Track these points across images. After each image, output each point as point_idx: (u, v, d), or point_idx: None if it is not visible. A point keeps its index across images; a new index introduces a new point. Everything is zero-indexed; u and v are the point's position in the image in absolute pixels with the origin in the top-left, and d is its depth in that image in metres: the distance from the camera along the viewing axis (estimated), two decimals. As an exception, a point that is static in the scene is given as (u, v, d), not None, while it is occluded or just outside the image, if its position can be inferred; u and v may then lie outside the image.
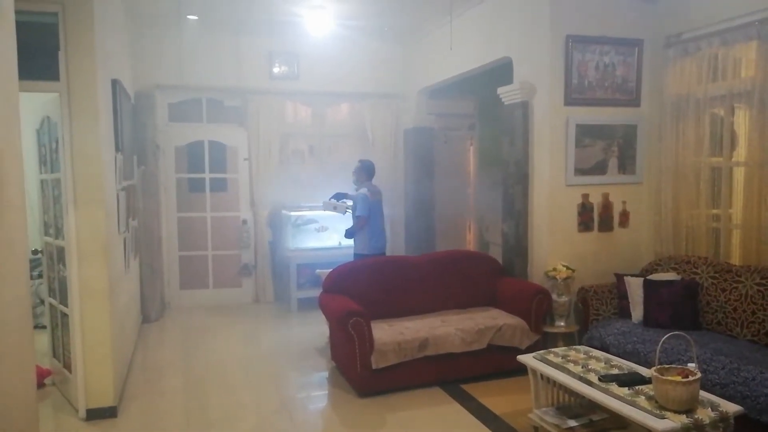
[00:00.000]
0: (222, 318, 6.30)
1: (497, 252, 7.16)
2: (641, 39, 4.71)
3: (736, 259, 4.19)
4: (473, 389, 4.08)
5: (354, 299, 4.27)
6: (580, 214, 4.67)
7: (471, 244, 7.90)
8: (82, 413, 3.66)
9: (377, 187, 5.62)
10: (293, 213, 6.64)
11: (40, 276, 4.83)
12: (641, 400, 2.66)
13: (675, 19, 4.54)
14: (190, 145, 6.70)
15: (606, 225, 4.75)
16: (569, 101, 4.55)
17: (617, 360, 3.25)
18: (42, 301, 4.49)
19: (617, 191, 4.77)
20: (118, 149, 4.37)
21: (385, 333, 4.05)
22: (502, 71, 5.30)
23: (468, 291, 4.80)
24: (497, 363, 4.25)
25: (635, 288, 4.29)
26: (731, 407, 2.62)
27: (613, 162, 4.75)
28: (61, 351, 4.10)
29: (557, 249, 4.61)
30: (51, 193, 4.01)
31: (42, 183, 4.21)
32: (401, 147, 7.31)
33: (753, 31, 3.90)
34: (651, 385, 2.75)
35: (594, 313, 4.39)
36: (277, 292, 6.93)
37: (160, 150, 6.36)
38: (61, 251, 3.81)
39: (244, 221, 6.81)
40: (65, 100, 3.54)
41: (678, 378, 2.55)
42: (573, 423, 3.09)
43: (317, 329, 5.54)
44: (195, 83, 6.52)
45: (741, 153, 4.22)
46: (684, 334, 2.91)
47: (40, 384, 4.22)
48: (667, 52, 4.58)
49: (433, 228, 7.22)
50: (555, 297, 4.45)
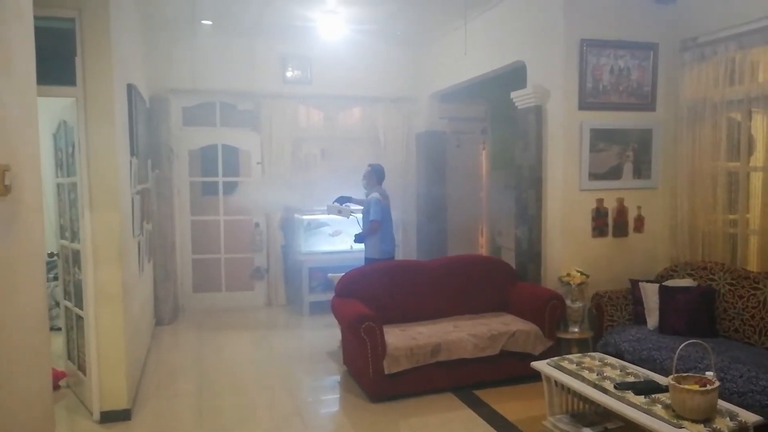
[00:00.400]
0: (234, 321, 6.32)
1: (510, 256, 7.13)
2: (656, 43, 4.67)
3: (753, 266, 4.13)
4: (486, 395, 4.05)
5: (366, 304, 4.26)
6: (594, 219, 4.63)
7: (483, 248, 7.87)
8: (96, 416, 3.69)
9: (386, 192, 5.62)
10: (305, 216, 6.66)
11: (55, 278, 4.88)
12: (658, 408, 2.63)
13: (691, 23, 4.50)
14: (203, 149, 6.75)
15: (620, 230, 4.70)
16: (583, 105, 4.52)
17: (633, 367, 3.21)
18: (57, 304, 4.53)
19: (632, 196, 4.72)
20: (133, 153, 4.41)
21: (398, 338, 4.03)
22: (514, 75, 5.28)
23: (480, 296, 4.77)
24: (510, 369, 4.22)
25: (651, 294, 4.24)
26: (750, 417, 2.58)
27: (628, 167, 4.70)
28: (76, 353, 4.13)
29: (571, 254, 4.58)
30: (67, 197, 4.04)
31: (58, 187, 4.25)
32: (413, 151, 7.30)
33: (771, 35, 3.86)
34: (668, 394, 2.72)
35: (608, 320, 4.34)
36: (289, 295, 6.94)
37: (174, 154, 6.41)
38: (77, 254, 3.85)
39: (256, 225, 6.84)
40: (81, 104, 3.57)
41: (696, 387, 2.51)
42: (588, 431, 3.05)
43: (329, 333, 5.54)
44: (209, 87, 6.57)
45: (759, 158, 4.16)
46: (701, 341, 2.86)
47: (55, 386, 4.26)
48: (683, 55, 4.54)
49: (445, 232, 7.19)
50: (569, 303, 4.41)
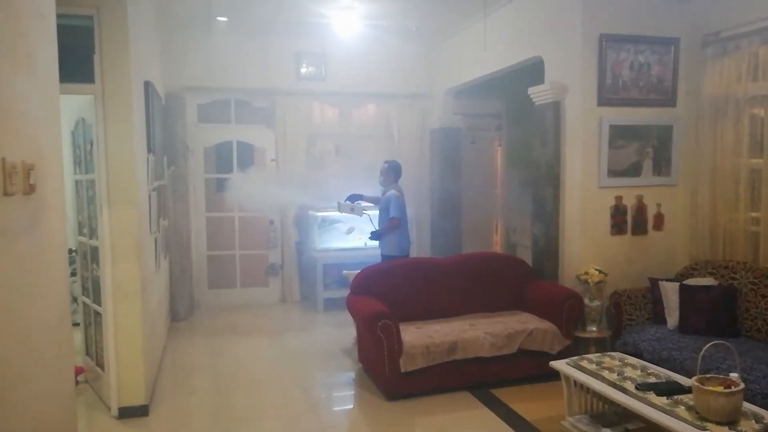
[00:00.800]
0: (249, 317, 6.34)
1: (525, 254, 7.08)
2: (677, 37, 4.59)
3: (776, 265, 4.05)
4: (503, 394, 4.02)
5: (382, 301, 4.24)
6: (613, 216, 4.57)
7: (498, 245, 7.82)
8: (114, 411, 3.71)
9: (401, 189, 5.59)
10: (320, 213, 6.65)
11: (73, 275, 4.92)
12: (681, 410, 2.58)
13: (713, 17, 4.42)
14: (218, 146, 6.76)
15: (640, 228, 4.64)
16: (602, 101, 4.46)
17: (654, 367, 3.16)
18: (75, 300, 4.56)
19: (652, 193, 4.66)
20: (150, 150, 4.42)
21: (414, 336, 4.01)
22: (531, 71, 5.23)
23: (497, 294, 4.73)
24: (527, 368, 4.18)
25: (671, 293, 4.18)
26: (777, 419, 2.53)
27: (648, 163, 4.63)
28: (94, 349, 4.16)
29: (589, 252, 4.52)
30: (85, 194, 4.07)
31: (76, 183, 4.28)
32: (427, 147, 7.26)
33: (797, 29, 3.78)
34: (690, 395, 2.67)
35: (627, 319, 4.29)
36: (304, 292, 6.95)
37: (189, 151, 6.43)
38: (95, 251, 3.87)
39: (271, 221, 6.85)
40: (100, 102, 3.59)
41: (720, 388, 2.47)
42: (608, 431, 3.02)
43: (343, 330, 5.53)
44: (223, 85, 6.58)
45: (783, 155, 4.08)
46: (725, 342, 2.81)
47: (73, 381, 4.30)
48: (705, 51, 4.45)
49: (459, 229, 7.15)
50: (587, 301, 4.36)
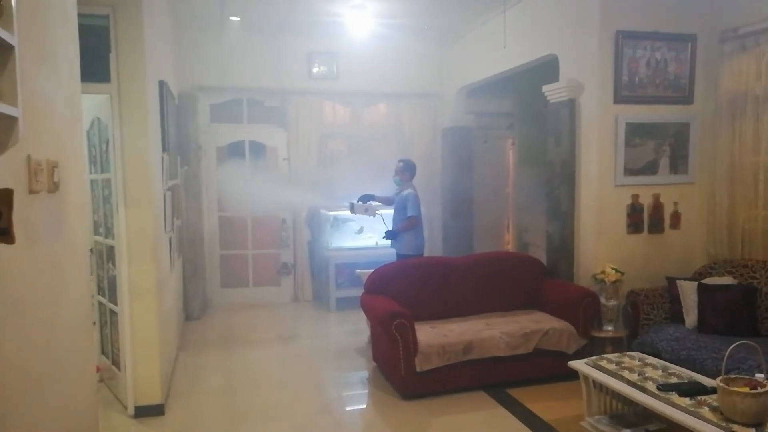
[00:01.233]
0: (262, 317, 6.34)
1: (537, 253, 7.03)
2: (694, 34, 4.54)
3: (797, 264, 3.99)
4: (519, 394, 3.99)
5: (396, 300, 4.23)
6: (629, 215, 4.52)
7: (509, 245, 7.78)
8: (130, 410, 3.72)
9: (416, 188, 5.57)
10: (332, 212, 6.64)
11: (90, 273, 4.94)
12: (705, 411, 2.55)
13: (731, 13, 4.36)
14: (230, 146, 6.77)
15: (656, 227, 4.59)
16: (619, 99, 4.41)
17: (675, 368, 3.13)
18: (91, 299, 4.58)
19: (668, 192, 4.61)
20: (164, 149, 4.43)
21: (429, 335, 3.99)
22: (543, 69, 5.20)
23: (512, 293, 4.70)
24: (543, 368, 4.15)
25: (689, 292, 4.13)
26: (803, 421, 2.48)
27: (665, 161, 4.59)
28: (110, 348, 4.17)
29: (605, 251, 4.48)
30: (100, 193, 4.08)
31: (92, 183, 4.29)
32: (439, 147, 7.23)
33: (819, 24, 3.72)
34: (714, 396, 2.64)
35: (644, 318, 4.25)
36: (316, 291, 6.94)
37: (202, 150, 6.44)
38: (111, 250, 3.88)
39: (283, 221, 6.85)
40: (116, 101, 3.59)
41: (746, 389, 2.43)
42: (628, 432, 2.99)
43: (356, 329, 5.52)
44: (236, 84, 6.59)
45: (803, 152, 4.02)
46: (751, 342, 2.77)
47: (89, 380, 4.32)
48: (723, 47, 4.40)
49: (471, 228, 7.12)
50: (603, 300, 4.32)
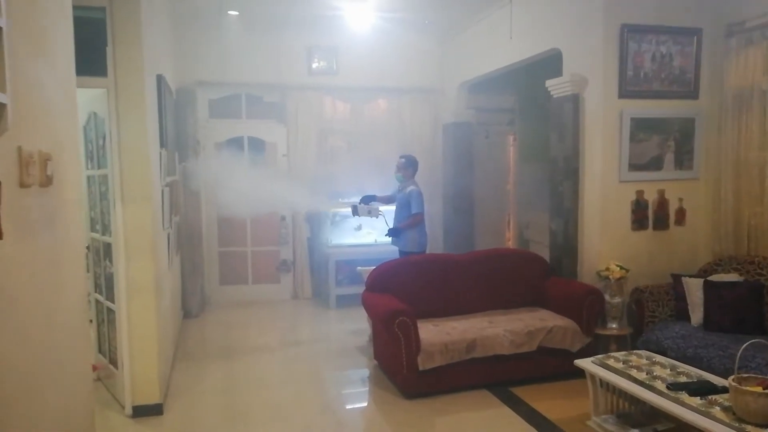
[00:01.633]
0: (261, 314, 6.28)
1: (538, 250, 6.98)
2: (700, 28, 4.48)
3: (805, 260, 3.94)
4: (523, 393, 3.94)
5: (398, 298, 4.17)
6: (634, 211, 4.47)
7: (510, 241, 7.73)
8: (128, 410, 3.66)
9: (418, 184, 5.51)
10: (332, 209, 6.58)
11: (86, 271, 4.87)
12: (716, 411, 2.50)
13: (737, 7, 4.30)
14: (229, 141, 6.69)
15: (661, 223, 4.54)
16: (624, 94, 4.35)
17: (684, 366, 3.07)
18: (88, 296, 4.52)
19: (673, 188, 4.55)
20: (162, 145, 4.36)
21: (431, 333, 3.94)
22: (546, 64, 5.14)
23: (515, 290, 4.65)
24: (547, 366, 4.10)
25: (694, 289, 4.08)
26: (816, 421, 2.43)
27: (670, 157, 4.53)
28: (107, 346, 4.11)
29: (609, 248, 4.43)
30: (97, 189, 4.01)
31: (88, 179, 4.22)
32: (440, 142, 7.17)
33: (828, 17, 3.66)
34: (725, 395, 2.59)
35: (649, 316, 4.20)
36: (316, 288, 6.88)
37: (200, 146, 6.37)
38: (108, 247, 3.81)
39: (282, 217, 6.78)
40: (113, 95, 3.52)
41: (759, 389, 2.37)
42: (636, 432, 2.93)
43: (356, 326, 5.47)
44: (235, 79, 6.52)
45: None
46: (763, 340, 2.72)
47: (86, 379, 4.26)
48: (729, 41, 4.34)
49: (472, 225, 7.07)
50: (607, 298, 4.27)
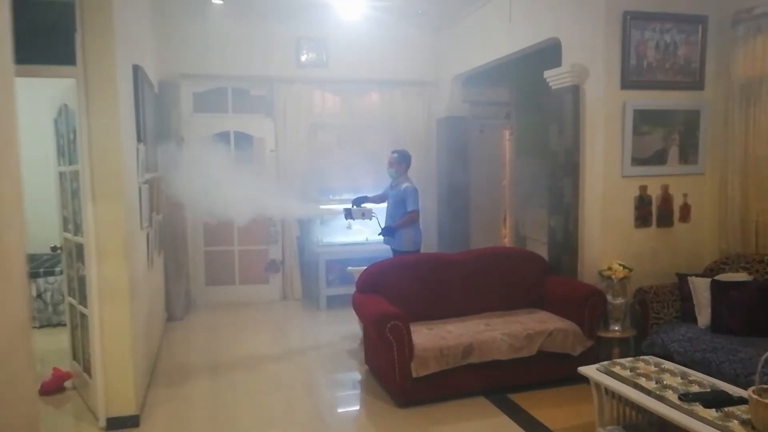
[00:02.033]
0: (249, 316, 6.06)
1: (536, 247, 6.78)
2: (706, 15, 4.27)
3: (817, 259, 3.75)
4: (522, 399, 3.73)
5: (390, 300, 3.95)
6: (637, 208, 4.27)
7: (507, 238, 7.53)
8: (102, 422, 3.42)
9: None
10: (322, 207, 6.35)
11: (61, 272, 4.64)
12: (734, 425, 2.29)
13: (744, -7, 4.10)
14: (215, 137, 6.43)
15: (665, 220, 4.34)
16: (626, 84, 4.15)
17: (695, 374, 2.87)
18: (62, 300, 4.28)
19: (678, 183, 4.35)
20: (140, 140, 4.12)
21: (425, 338, 3.72)
22: (544, 54, 4.93)
23: (513, 291, 4.44)
24: (547, 371, 3.90)
25: (701, 289, 3.89)
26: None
27: (674, 151, 4.33)
28: (81, 353, 3.88)
29: (611, 246, 4.22)
30: (69, 187, 3.77)
31: (60, 176, 3.98)
32: (433, 137, 6.95)
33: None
34: (743, 407, 2.39)
35: (654, 317, 4.00)
36: (306, 289, 6.66)
37: (184, 142, 6.12)
38: (80, 248, 3.57)
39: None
40: (82, 85, 3.27)
41: (783, 402, 2.17)
42: (645, 445, 2.73)
43: (348, 328, 5.25)
44: (220, 72, 6.28)
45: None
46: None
47: (59, 388, 4.03)
48: (736, 29, 4.13)
49: (467, 222, 6.85)
50: (610, 298, 4.07)
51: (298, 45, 6.48)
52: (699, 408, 2.45)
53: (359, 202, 5.33)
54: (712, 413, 2.40)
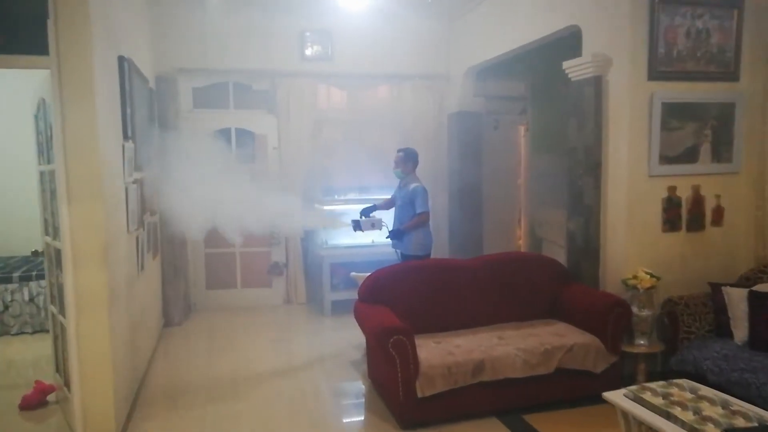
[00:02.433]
0: (250, 321, 5.78)
1: (553, 250, 6.43)
2: (741, -1, 3.90)
3: None
4: (538, 421, 3.39)
5: (395, 310, 3.64)
6: (665, 210, 3.90)
7: (521, 240, 7.18)
8: (80, 442, 3.16)
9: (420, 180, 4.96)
10: (326, 207, 6.05)
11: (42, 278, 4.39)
12: (792, 471, 1.95)
13: (785, -27, 3.72)
14: (215, 134, 6.16)
15: (696, 223, 3.97)
16: (654, 75, 3.78)
17: (737, 403, 2.51)
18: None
19: (710, 183, 3.98)
20: (128, 137, 3.84)
21: (432, 353, 3.40)
22: (562, 44, 4.59)
23: (527, 300, 4.10)
24: (566, 389, 3.56)
25: (737, 301, 3.53)
26: None
27: (706, 148, 3.96)
28: (63, 366, 3.62)
29: (637, 252, 3.87)
30: (48, 187, 3.51)
31: (41, 175, 3.72)
32: (445, 133, 6.61)
33: None
34: (799, 448, 2.03)
35: (685, 331, 3.64)
36: (310, 292, 6.37)
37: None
38: (59, 254, 3.31)
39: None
40: (56, 77, 3.00)
41: None
42: (680, 484, 2.39)
43: (352, 336, 4.93)
44: (221, 66, 5.99)
45: None
46: None
47: (42, 401, 3.79)
48: (776, 13, 3.76)
49: (480, 223, 6.51)
50: (635, 310, 3.71)
51: (301, 37, 6.18)
52: (746, 447, 2.11)
53: (368, 212, 4.98)
54: (762, 454, 2.06)
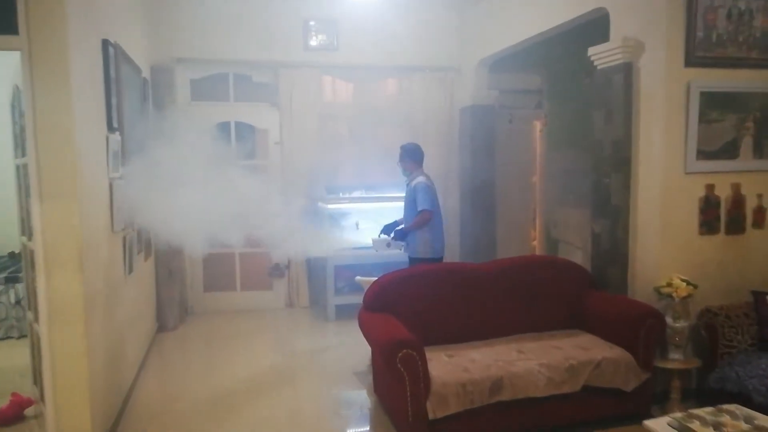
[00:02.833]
0: (250, 326, 5.47)
1: (569, 252, 6.07)
2: (789, -23, 3.53)
3: None
4: (563, 445, 3.06)
5: (403, 320, 3.30)
6: (702, 211, 3.54)
7: (536, 241, 6.82)
8: (54, 464, 2.85)
9: (429, 176, 4.62)
10: (330, 205, 5.72)
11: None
12: None
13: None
14: (214, 128, 5.84)
15: (736, 226, 3.61)
16: (691, 61, 3.42)
17: (804, 437, 2.17)
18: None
19: (751, 181, 3.62)
20: (113, 129, 3.53)
21: (445, 369, 3.06)
22: (584, 32, 4.24)
23: (547, 308, 3.75)
24: (592, 409, 3.20)
25: (785, 313, 3.16)
26: None
27: (747, 142, 3.59)
28: (40, 378, 3.31)
29: (671, 257, 3.51)
30: (23, 183, 3.20)
31: (17, 169, 3.42)
32: (456, 128, 6.27)
33: None
34: None
35: (725, 344, 3.29)
36: (313, 295, 6.05)
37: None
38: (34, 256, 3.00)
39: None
40: (26, 60, 2.69)
41: None
42: None
43: (357, 343, 4.50)
44: (220, 56, 5.69)
45: None
46: None
47: (19, 416, 3.48)
48: (828, -8, 3.39)
49: (493, 223, 6.16)
50: (669, 321, 3.35)
51: (306, 27, 5.87)
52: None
53: (389, 229, 4.62)
54: None
